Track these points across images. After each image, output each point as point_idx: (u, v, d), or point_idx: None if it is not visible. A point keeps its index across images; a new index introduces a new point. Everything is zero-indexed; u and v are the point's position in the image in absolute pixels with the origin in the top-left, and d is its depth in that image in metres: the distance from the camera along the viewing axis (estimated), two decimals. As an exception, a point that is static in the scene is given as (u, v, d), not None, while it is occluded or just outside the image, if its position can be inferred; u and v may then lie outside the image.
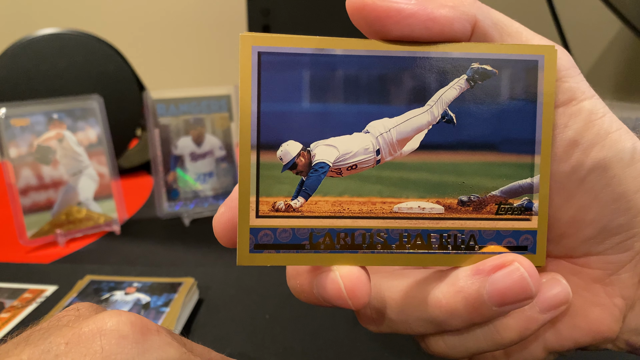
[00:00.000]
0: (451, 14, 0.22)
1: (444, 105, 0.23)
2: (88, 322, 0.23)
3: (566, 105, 0.23)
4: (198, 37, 0.94)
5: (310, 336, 0.42)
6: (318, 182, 0.23)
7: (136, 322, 0.23)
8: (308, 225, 0.22)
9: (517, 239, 0.23)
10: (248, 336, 0.42)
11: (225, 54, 0.92)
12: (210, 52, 0.94)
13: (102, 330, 0.22)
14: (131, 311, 0.36)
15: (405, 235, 0.23)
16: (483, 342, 0.24)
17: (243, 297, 0.48)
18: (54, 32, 0.77)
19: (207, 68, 0.95)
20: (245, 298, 0.48)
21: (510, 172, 0.23)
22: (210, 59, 0.94)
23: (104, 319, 0.23)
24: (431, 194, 0.23)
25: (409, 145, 0.23)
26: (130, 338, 0.22)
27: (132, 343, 0.22)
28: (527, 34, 0.23)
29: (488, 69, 0.23)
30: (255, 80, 0.22)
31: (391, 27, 0.21)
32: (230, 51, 0.78)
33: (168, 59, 0.95)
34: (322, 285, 0.22)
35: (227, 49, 0.92)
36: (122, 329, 0.22)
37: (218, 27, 0.94)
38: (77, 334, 0.22)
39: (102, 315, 0.23)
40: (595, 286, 0.25)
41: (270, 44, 0.22)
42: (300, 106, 0.22)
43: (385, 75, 0.22)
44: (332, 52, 0.22)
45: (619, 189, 0.23)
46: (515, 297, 0.22)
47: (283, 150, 0.22)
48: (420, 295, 0.24)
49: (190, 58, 0.95)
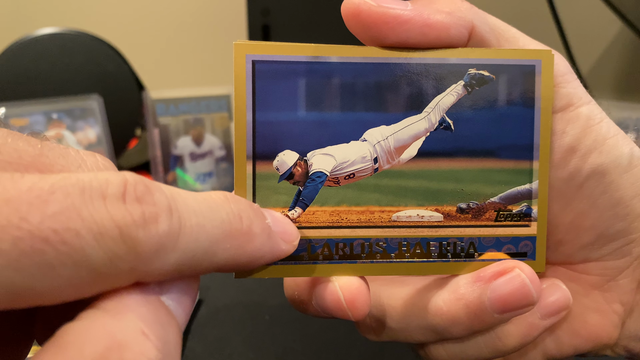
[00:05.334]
0: (447, 20, 0.21)
1: (442, 111, 0.23)
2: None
3: (564, 111, 0.23)
4: (198, 37, 0.94)
5: (310, 337, 0.42)
6: (315, 192, 0.22)
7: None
8: (306, 235, 0.22)
9: (516, 245, 0.23)
10: (248, 336, 0.42)
11: (225, 54, 0.91)
12: (210, 52, 0.94)
13: None
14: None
15: (404, 244, 0.23)
16: (484, 350, 0.24)
17: (243, 298, 0.48)
18: (53, 32, 0.76)
19: (206, 68, 0.94)
20: (245, 298, 0.48)
21: (508, 178, 0.23)
22: (210, 59, 0.94)
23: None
24: (430, 202, 0.23)
25: (406, 153, 0.23)
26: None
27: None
28: (524, 39, 0.23)
29: (485, 75, 0.22)
30: (249, 90, 0.21)
31: (387, 33, 0.21)
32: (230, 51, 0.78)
33: (168, 58, 0.94)
34: (321, 296, 0.22)
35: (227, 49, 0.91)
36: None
37: (218, 27, 0.94)
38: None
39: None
40: (594, 292, 0.25)
41: (265, 52, 0.21)
42: (296, 115, 0.22)
43: (382, 82, 0.22)
44: (327, 59, 0.22)
45: (616, 194, 0.23)
46: (517, 303, 0.22)
47: (279, 160, 0.22)
48: (420, 303, 0.24)
49: (190, 58, 0.95)
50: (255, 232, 0.18)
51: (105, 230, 0.14)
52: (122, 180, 0.15)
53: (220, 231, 0.17)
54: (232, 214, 0.17)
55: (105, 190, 0.14)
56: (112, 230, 0.14)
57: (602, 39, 0.87)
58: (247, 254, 0.18)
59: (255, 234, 0.18)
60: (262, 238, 0.18)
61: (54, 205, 0.13)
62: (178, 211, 0.15)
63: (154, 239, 0.15)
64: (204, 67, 0.95)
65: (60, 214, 0.13)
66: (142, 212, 0.14)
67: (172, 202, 0.15)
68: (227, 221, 0.17)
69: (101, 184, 0.14)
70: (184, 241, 0.15)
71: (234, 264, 0.18)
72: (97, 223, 0.14)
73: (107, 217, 0.14)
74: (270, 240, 0.19)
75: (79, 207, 0.14)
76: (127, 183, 0.15)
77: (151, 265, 0.15)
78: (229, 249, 0.17)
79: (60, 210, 0.13)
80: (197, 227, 0.16)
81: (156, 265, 0.15)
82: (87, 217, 0.14)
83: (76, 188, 0.14)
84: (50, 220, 0.13)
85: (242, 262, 0.18)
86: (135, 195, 0.15)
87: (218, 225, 0.17)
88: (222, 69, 0.90)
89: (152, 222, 0.15)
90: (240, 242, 0.17)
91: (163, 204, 0.15)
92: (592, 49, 0.87)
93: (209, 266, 0.17)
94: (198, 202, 0.16)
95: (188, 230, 0.16)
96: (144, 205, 0.15)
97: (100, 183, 0.14)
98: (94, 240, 0.14)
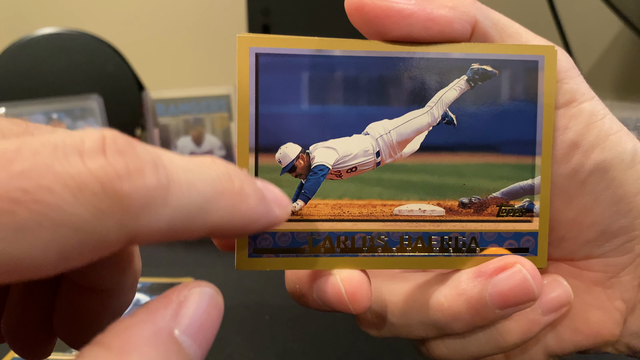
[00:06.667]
0: (451, 15, 0.22)
1: (444, 106, 0.23)
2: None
3: (566, 107, 0.23)
4: (198, 37, 0.94)
5: (310, 336, 0.42)
6: (317, 185, 0.22)
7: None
8: (308, 228, 0.22)
9: (518, 240, 0.23)
10: (248, 336, 0.42)
11: (225, 54, 0.92)
12: (210, 52, 0.94)
13: None
14: (130, 311, 0.35)
15: (406, 238, 0.23)
16: (485, 346, 0.24)
17: (243, 298, 0.48)
18: (53, 32, 0.76)
19: (206, 68, 0.94)
20: (245, 298, 0.48)
21: (511, 174, 0.23)
22: (210, 59, 0.94)
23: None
24: (432, 196, 0.23)
25: (409, 147, 0.23)
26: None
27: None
28: (527, 34, 0.23)
29: (488, 70, 0.22)
30: (253, 82, 0.21)
31: (390, 27, 0.21)
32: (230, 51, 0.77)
33: (167, 58, 0.94)
34: (323, 289, 0.22)
35: (227, 48, 0.91)
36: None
37: (218, 26, 0.94)
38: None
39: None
40: (596, 289, 0.25)
41: (268, 45, 0.21)
42: (299, 108, 0.22)
43: (385, 76, 0.22)
44: (331, 53, 0.22)
45: (619, 191, 0.23)
46: (518, 299, 0.22)
47: (282, 152, 0.22)
48: (421, 298, 0.24)
49: (190, 58, 0.95)
50: (248, 193, 0.17)
51: (85, 185, 0.13)
52: (100, 136, 0.14)
53: (211, 189, 0.16)
54: (222, 173, 0.16)
55: (81, 146, 0.13)
56: (92, 185, 0.13)
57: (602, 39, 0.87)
58: (242, 214, 0.17)
59: (248, 195, 0.17)
60: (255, 199, 0.17)
61: (20, 164, 0.12)
62: (164, 167, 0.15)
63: (141, 192, 0.14)
64: (204, 67, 0.95)
65: (30, 171, 0.12)
66: (125, 164, 0.13)
67: (157, 158, 0.15)
68: (218, 180, 0.16)
69: (76, 141, 0.13)
70: (175, 196, 0.14)
71: (229, 225, 0.17)
72: (74, 178, 0.13)
73: (85, 171, 0.13)
74: (263, 203, 0.18)
75: (51, 164, 0.13)
76: (106, 137, 0.14)
77: (141, 221, 0.14)
78: (222, 208, 0.16)
79: (29, 167, 0.12)
80: (187, 183, 0.15)
81: (147, 221, 0.14)
82: (61, 173, 0.13)
83: (47, 147, 0.13)
84: (18, 179, 0.12)
85: (237, 223, 0.17)
86: (116, 148, 0.14)
87: (209, 183, 0.16)
88: (222, 69, 0.90)
89: (137, 175, 0.14)
90: (233, 201, 0.16)
91: (147, 158, 0.14)
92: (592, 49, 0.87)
93: (203, 226, 0.16)
94: (185, 161, 0.16)
95: (177, 186, 0.15)
96: (127, 158, 0.14)
97: (74, 140, 0.13)
98: (72, 196, 0.13)
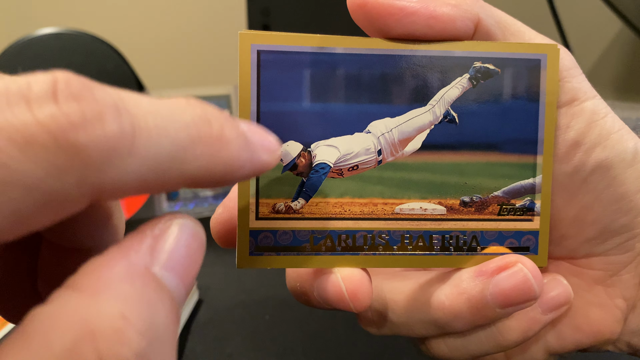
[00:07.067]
0: (453, 13, 0.22)
1: (446, 104, 0.23)
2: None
3: (568, 106, 0.23)
4: (198, 37, 0.94)
5: (310, 336, 0.42)
6: (319, 183, 0.22)
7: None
8: (309, 227, 0.22)
9: (519, 239, 0.23)
10: (248, 336, 0.42)
11: (225, 54, 0.92)
12: (210, 52, 0.94)
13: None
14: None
15: (407, 236, 0.23)
16: (485, 344, 0.24)
17: (243, 297, 0.48)
18: (53, 32, 0.76)
19: (206, 68, 0.94)
20: (245, 298, 0.48)
21: (512, 173, 0.23)
22: (210, 59, 0.94)
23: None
24: (433, 195, 0.23)
25: (410, 146, 0.23)
26: None
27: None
28: (530, 33, 0.23)
29: (491, 68, 0.22)
30: (254, 80, 0.21)
31: (393, 24, 0.21)
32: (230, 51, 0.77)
33: (167, 58, 0.94)
34: (323, 287, 0.22)
35: (227, 48, 0.91)
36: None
37: (218, 27, 0.94)
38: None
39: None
40: (597, 287, 0.25)
41: (270, 42, 0.21)
42: (300, 106, 0.22)
43: (387, 74, 0.22)
44: (332, 50, 0.22)
45: (620, 189, 0.23)
46: (519, 298, 0.22)
47: (283, 150, 0.22)
48: (422, 297, 0.24)
49: (190, 58, 0.95)
50: (229, 137, 0.15)
51: (33, 137, 0.11)
52: (51, 79, 0.12)
53: (185, 134, 0.14)
54: (198, 117, 0.14)
55: (27, 92, 0.12)
56: (42, 137, 0.11)
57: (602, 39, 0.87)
58: (223, 161, 0.15)
59: (230, 139, 0.15)
60: (238, 144, 0.15)
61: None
62: (128, 111, 0.13)
63: (101, 142, 0.12)
64: (204, 67, 0.94)
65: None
66: (80, 111, 0.12)
67: (120, 101, 0.13)
68: (193, 124, 0.14)
69: (21, 86, 0.12)
70: (142, 145, 0.13)
71: (208, 174, 0.15)
72: (20, 131, 0.11)
73: (33, 121, 0.11)
74: (248, 147, 0.16)
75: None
76: (58, 81, 0.12)
77: (105, 174, 0.12)
78: (200, 156, 0.14)
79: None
80: (156, 129, 0.13)
81: (112, 174, 0.12)
82: (4, 126, 0.11)
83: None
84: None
85: (218, 171, 0.15)
86: (69, 93, 0.12)
87: (182, 129, 0.14)
88: (223, 69, 0.90)
89: (96, 122, 0.12)
90: (212, 148, 0.15)
91: (108, 102, 0.12)
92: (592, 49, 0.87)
93: (180, 177, 0.14)
94: (154, 104, 0.14)
95: (145, 133, 0.13)
96: (82, 103, 0.12)
97: (19, 85, 0.12)
98: (19, 152, 0.11)
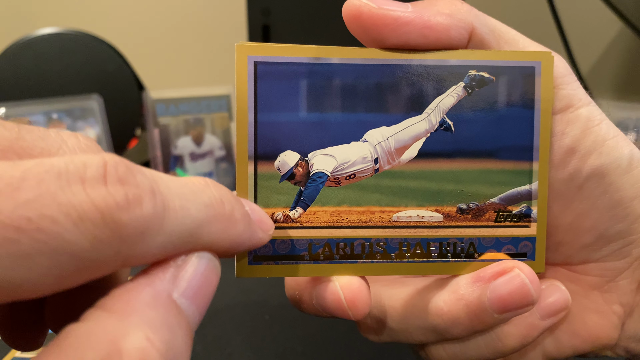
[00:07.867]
0: (448, 22, 0.22)
1: (442, 113, 0.23)
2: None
3: (563, 113, 0.23)
4: (198, 37, 0.94)
5: (310, 336, 0.42)
6: (316, 192, 0.23)
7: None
8: (307, 235, 0.22)
9: (516, 245, 0.23)
10: (248, 336, 0.42)
11: (225, 54, 0.91)
12: (210, 52, 0.94)
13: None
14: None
15: (404, 244, 0.23)
16: (484, 350, 0.24)
17: (243, 298, 0.48)
18: (53, 32, 0.76)
19: (206, 68, 0.94)
20: (245, 298, 0.48)
21: (508, 179, 0.23)
22: (210, 59, 0.94)
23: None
24: (430, 202, 0.23)
25: (407, 154, 0.23)
26: None
27: None
28: (524, 41, 0.23)
29: (485, 76, 0.23)
30: (251, 90, 0.22)
31: (388, 34, 0.21)
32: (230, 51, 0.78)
33: (168, 58, 0.94)
34: (322, 296, 0.22)
35: (227, 49, 0.91)
36: None
37: (218, 26, 0.93)
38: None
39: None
40: (594, 293, 0.25)
41: (266, 54, 0.22)
42: (297, 116, 0.22)
43: (383, 83, 0.22)
44: (328, 60, 0.22)
45: (616, 195, 0.23)
46: (517, 303, 0.22)
47: (281, 160, 0.22)
48: (421, 303, 0.24)
49: (190, 58, 0.94)
50: (237, 218, 0.18)
51: (86, 214, 0.13)
52: (102, 162, 0.14)
53: (204, 214, 0.16)
54: (214, 198, 0.17)
55: (83, 173, 0.14)
56: (93, 215, 0.13)
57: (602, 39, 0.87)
58: (230, 239, 0.17)
59: (237, 220, 0.18)
60: (243, 224, 0.18)
61: (26, 193, 0.13)
62: (161, 193, 0.15)
63: (139, 222, 0.14)
64: (204, 67, 0.94)
65: (34, 201, 0.13)
66: (125, 194, 0.14)
67: (154, 184, 0.15)
68: (211, 205, 0.17)
69: (78, 168, 0.14)
70: (169, 223, 0.15)
71: (216, 247, 0.17)
72: (76, 208, 0.13)
73: (87, 200, 0.13)
74: (249, 227, 0.19)
75: (55, 193, 0.13)
76: (107, 164, 0.14)
77: (137, 247, 0.14)
78: (213, 233, 0.17)
79: (34, 197, 0.13)
80: (182, 209, 0.15)
81: (141, 248, 0.14)
82: (64, 202, 0.13)
83: (51, 173, 0.13)
84: (23, 208, 0.12)
85: (224, 246, 0.17)
86: (117, 177, 0.14)
87: (202, 209, 0.16)
88: (222, 69, 0.90)
89: (136, 204, 0.14)
90: (224, 226, 0.17)
91: (146, 186, 0.15)
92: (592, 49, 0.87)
93: (193, 249, 0.17)
94: (180, 186, 0.16)
95: (172, 213, 0.15)
96: (126, 187, 0.14)
97: (77, 166, 0.14)
98: (74, 226, 0.13)
